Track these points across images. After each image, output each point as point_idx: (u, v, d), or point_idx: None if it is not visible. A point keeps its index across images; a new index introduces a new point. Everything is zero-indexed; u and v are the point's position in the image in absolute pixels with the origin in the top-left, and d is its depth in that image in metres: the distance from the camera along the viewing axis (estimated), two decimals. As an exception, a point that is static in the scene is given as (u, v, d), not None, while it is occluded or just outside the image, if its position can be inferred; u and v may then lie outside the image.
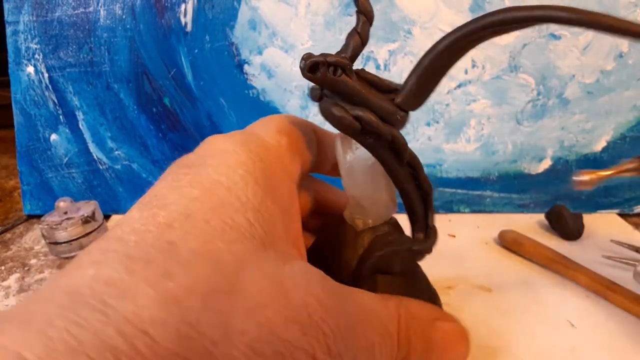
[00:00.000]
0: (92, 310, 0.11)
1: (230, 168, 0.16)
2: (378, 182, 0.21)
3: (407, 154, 0.20)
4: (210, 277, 0.13)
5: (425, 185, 0.21)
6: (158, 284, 0.12)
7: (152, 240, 0.13)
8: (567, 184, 0.45)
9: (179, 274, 0.13)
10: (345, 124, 0.18)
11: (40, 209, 0.47)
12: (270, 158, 0.18)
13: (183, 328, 0.12)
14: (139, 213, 0.15)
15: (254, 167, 0.17)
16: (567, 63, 0.43)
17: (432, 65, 0.18)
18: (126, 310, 0.11)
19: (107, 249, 0.13)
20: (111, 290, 0.12)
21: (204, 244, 0.14)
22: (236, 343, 0.13)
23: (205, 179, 0.16)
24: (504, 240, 0.39)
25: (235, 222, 0.15)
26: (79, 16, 0.44)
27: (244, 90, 0.45)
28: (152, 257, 0.13)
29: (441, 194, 0.46)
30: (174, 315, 0.12)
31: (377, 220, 0.22)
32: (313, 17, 0.44)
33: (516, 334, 0.28)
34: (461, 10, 0.43)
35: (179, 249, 0.13)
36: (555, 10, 0.15)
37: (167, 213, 0.14)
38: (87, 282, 0.12)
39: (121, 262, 0.13)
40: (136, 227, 0.14)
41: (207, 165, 0.16)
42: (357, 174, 0.21)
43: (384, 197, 0.21)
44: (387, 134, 0.18)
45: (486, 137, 0.45)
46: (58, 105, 0.45)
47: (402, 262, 0.22)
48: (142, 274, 0.12)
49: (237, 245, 0.15)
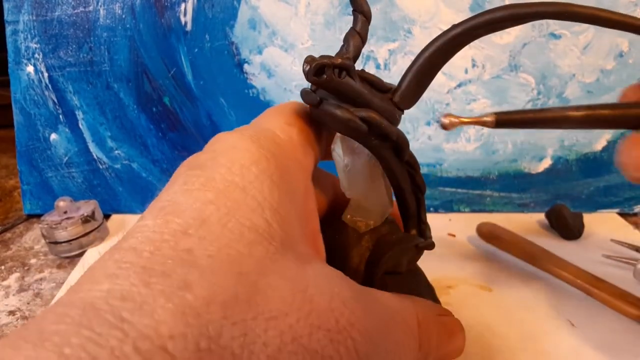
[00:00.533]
0: (109, 327, 0.11)
1: (244, 167, 0.16)
2: (377, 182, 0.21)
3: (407, 153, 0.20)
4: (230, 285, 0.13)
5: (420, 183, 0.21)
6: (176, 297, 0.12)
7: (168, 250, 0.13)
8: (567, 184, 0.45)
9: (198, 284, 0.12)
10: (353, 126, 0.18)
11: (40, 208, 0.47)
12: (283, 154, 0.17)
13: (203, 342, 0.11)
14: (152, 220, 0.14)
15: (268, 165, 0.16)
16: (567, 62, 0.43)
17: (430, 62, 0.18)
18: (143, 325, 0.11)
19: (122, 261, 0.13)
20: (128, 305, 0.11)
21: (222, 250, 0.13)
22: (258, 355, 0.12)
23: (219, 180, 0.15)
24: (481, 233, 0.38)
25: (253, 223, 0.14)
26: (79, 15, 0.44)
27: (244, 90, 0.45)
28: (168, 269, 0.12)
29: (441, 193, 0.46)
30: (193, 328, 0.11)
31: (378, 221, 0.22)
32: (313, 16, 0.44)
33: (516, 333, 0.28)
34: (461, 10, 0.43)
35: (196, 257, 0.13)
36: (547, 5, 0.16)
37: (181, 219, 0.14)
38: (103, 297, 0.12)
39: (137, 274, 0.12)
40: (150, 236, 0.13)
41: (220, 166, 0.16)
42: (357, 175, 0.20)
43: (383, 197, 0.21)
44: (394, 133, 0.18)
45: (486, 136, 0.45)
46: (58, 105, 0.45)
47: (409, 260, 0.22)
48: (159, 287, 0.12)
49: (256, 248, 0.14)
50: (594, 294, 0.30)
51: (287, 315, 0.13)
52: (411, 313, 0.19)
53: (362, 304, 0.15)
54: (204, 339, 0.12)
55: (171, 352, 0.11)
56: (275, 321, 0.13)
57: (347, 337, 0.14)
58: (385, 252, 0.21)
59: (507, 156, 0.45)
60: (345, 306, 0.15)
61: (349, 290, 0.16)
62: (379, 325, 0.16)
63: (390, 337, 0.17)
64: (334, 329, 0.14)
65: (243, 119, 0.45)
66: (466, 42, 0.18)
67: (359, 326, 0.15)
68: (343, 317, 0.14)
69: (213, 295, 0.12)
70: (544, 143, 0.44)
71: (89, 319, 0.11)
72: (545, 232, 0.41)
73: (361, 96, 0.18)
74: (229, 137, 0.17)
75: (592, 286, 0.31)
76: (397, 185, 0.21)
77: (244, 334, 0.12)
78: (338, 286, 0.15)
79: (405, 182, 0.21)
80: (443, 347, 0.20)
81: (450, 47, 0.18)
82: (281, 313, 0.13)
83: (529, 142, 0.45)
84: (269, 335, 0.13)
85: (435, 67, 0.18)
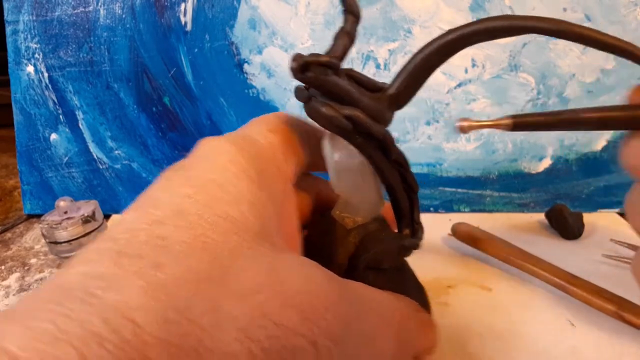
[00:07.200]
0: (79, 302, 0.11)
1: (223, 167, 0.16)
2: (366, 180, 0.21)
3: (395, 152, 0.20)
4: (202, 266, 0.13)
5: (412, 182, 0.22)
6: (147, 275, 0.12)
7: (144, 237, 0.13)
8: (567, 184, 0.45)
9: (170, 265, 0.13)
10: (336, 123, 0.18)
11: (40, 208, 0.47)
12: (263, 157, 0.18)
13: (171, 314, 0.12)
14: (131, 214, 0.15)
15: (247, 165, 0.17)
16: (568, 62, 0.43)
17: (424, 64, 0.18)
18: (113, 300, 0.11)
19: (99, 248, 0.13)
20: (99, 283, 0.12)
21: (197, 237, 0.14)
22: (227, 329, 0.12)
23: (198, 178, 0.16)
24: (457, 234, 0.38)
25: (229, 215, 0.15)
26: (79, 15, 0.44)
27: (244, 90, 0.45)
28: (142, 252, 0.13)
29: (441, 193, 0.46)
30: (161, 302, 0.12)
31: (366, 218, 0.22)
32: (313, 16, 0.44)
33: (516, 333, 0.28)
34: (461, 9, 0.43)
35: (170, 242, 0.13)
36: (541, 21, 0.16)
37: (159, 211, 0.14)
38: (76, 279, 0.12)
39: (111, 258, 0.13)
40: (128, 226, 0.14)
41: (200, 166, 0.16)
42: (345, 172, 0.21)
43: (373, 195, 0.22)
44: (379, 132, 0.19)
45: (486, 136, 0.45)
46: (58, 105, 0.45)
47: (393, 258, 0.22)
48: (131, 268, 0.12)
49: (231, 237, 0.14)
50: (570, 291, 0.30)
51: (259, 293, 0.14)
52: (390, 305, 0.19)
53: (338, 290, 0.16)
54: (172, 312, 0.12)
55: (138, 323, 0.11)
56: (246, 299, 0.13)
57: (320, 318, 0.14)
58: (369, 249, 0.21)
59: (507, 156, 0.45)
60: (320, 289, 0.15)
61: (325, 277, 0.16)
62: (355, 312, 0.16)
63: (367, 325, 0.17)
64: (307, 309, 0.14)
65: (243, 119, 0.45)
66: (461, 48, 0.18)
67: (333, 310, 0.15)
68: (317, 299, 0.15)
69: (185, 274, 0.13)
70: (544, 143, 0.44)
71: (59, 296, 0.11)
72: (545, 232, 0.41)
73: (348, 94, 0.18)
74: (211, 141, 0.18)
75: (568, 284, 0.30)
76: (388, 184, 0.21)
77: (213, 310, 0.13)
78: (313, 273, 0.16)
79: (396, 181, 0.21)
80: (417, 344, 0.21)
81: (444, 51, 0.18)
82: (252, 292, 0.13)
83: (528, 142, 0.45)
84: (239, 311, 0.13)
85: (428, 70, 0.19)
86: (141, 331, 0.11)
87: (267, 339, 0.13)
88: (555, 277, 0.31)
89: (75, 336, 0.10)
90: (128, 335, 0.11)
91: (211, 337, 0.12)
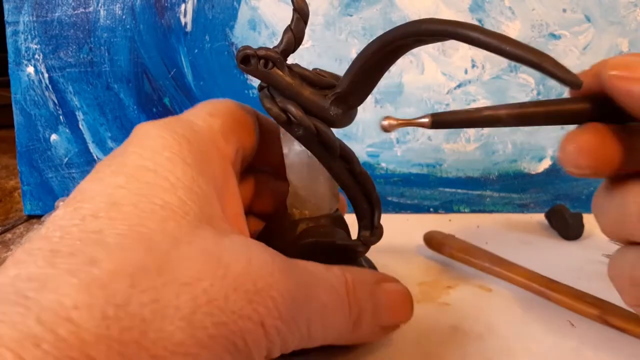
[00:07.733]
0: (12, 305, 0.11)
1: (155, 151, 0.16)
2: (315, 174, 0.22)
3: (337, 148, 0.20)
4: (138, 258, 0.13)
5: (361, 178, 0.22)
6: (81, 272, 0.12)
7: (77, 233, 0.13)
8: (567, 184, 0.45)
9: (104, 260, 0.12)
10: (273, 115, 0.19)
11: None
12: (200, 140, 0.18)
13: (109, 310, 0.12)
14: (63, 210, 0.14)
15: (181, 149, 0.16)
16: (567, 62, 0.43)
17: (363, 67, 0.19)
18: (47, 300, 0.11)
19: (31, 248, 0.13)
20: (32, 285, 0.12)
21: (132, 228, 0.13)
22: (170, 319, 0.12)
23: (130, 166, 0.15)
24: (430, 244, 0.36)
25: (165, 201, 0.15)
26: (79, 16, 0.44)
27: (244, 91, 0.45)
28: (76, 249, 0.13)
29: (441, 193, 0.46)
30: (98, 298, 0.12)
31: (315, 212, 0.22)
32: (313, 17, 0.44)
33: (516, 333, 0.28)
34: (461, 10, 0.43)
35: (105, 236, 0.13)
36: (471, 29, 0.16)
37: (91, 205, 0.14)
38: (9, 281, 0.12)
39: (44, 257, 0.12)
40: (60, 223, 0.14)
41: (131, 153, 0.16)
42: (295, 165, 0.21)
43: (322, 190, 0.22)
44: (310, 126, 0.19)
45: (486, 136, 0.45)
46: (58, 106, 0.45)
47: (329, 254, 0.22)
48: (65, 266, 0.12)
49: (169, 223, 0.14)
50: (550, 296, 0.29)
51: (201, 280, 0.13)
52: (338, 278, 0.19)
53: (282, 268, 0.16)
54: (110, 307, 0.12)
55: (76, 322, 0.11)
56: (188, 287, 0.13)
57: (266, 297, 0.14)
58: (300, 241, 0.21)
59: (507, 156, 0.45)
60: (263, 269, 0.15)
61: (268, 256, 0.16)
62: (301, 287, 0.16)
63: (314, 299, 0.17)
64: (251, 290, 0.14)
65: (243, 119, 0.45)
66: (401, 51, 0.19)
67: (278, 287, 0.15)
68: (261, 280, 0.14)
69: (120, 267, 0.12)
70: (543, 143, 0.45)
71: None
72: (545, 232, 0.41)
73: (287, 88, 0.19)
74: (143, 126, 0.18)
75: (548, 289, 0.29)
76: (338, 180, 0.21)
77: (154, 300, 0.12)
78: (256, 253, 0.15)
79: (344, 177, 0.21)
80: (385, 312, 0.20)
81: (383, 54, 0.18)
82: (194, 279, 0.13)
83: (529, 143, 0.45)
84: (182, 299, 0.13)
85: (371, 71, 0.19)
86: (79, 329, 0.11)
87: (214, 325, 0.13)
88: (534, 283, 0.30)
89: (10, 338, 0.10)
90: (65, 334, 0.11)
91: (154, 328, 0.12)
